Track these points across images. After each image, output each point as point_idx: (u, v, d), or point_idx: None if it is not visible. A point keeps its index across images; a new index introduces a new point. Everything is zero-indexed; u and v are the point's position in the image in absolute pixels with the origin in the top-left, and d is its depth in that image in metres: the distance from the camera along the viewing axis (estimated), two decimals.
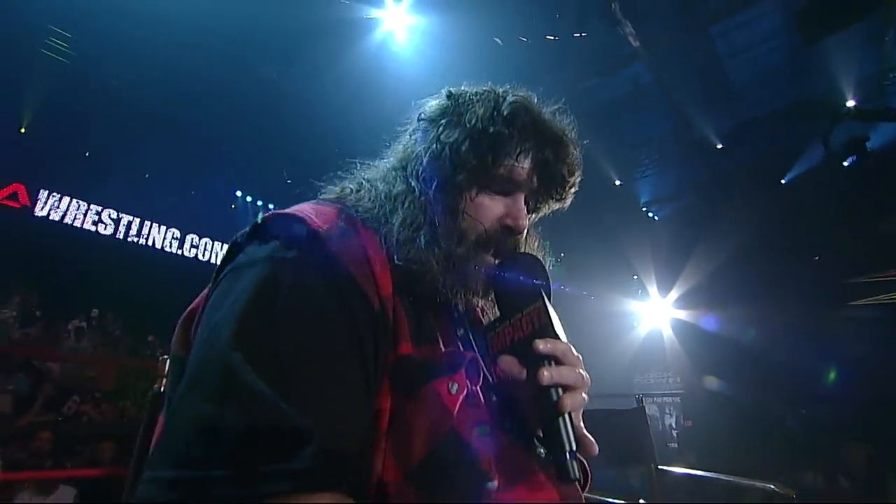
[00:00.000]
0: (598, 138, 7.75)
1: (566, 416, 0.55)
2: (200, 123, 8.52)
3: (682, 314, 10.87)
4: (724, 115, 7.82)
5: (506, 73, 0.81)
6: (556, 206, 0.75)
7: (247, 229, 0.61)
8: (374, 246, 0.59)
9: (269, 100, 8.23)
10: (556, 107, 0.71)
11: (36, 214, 8.34)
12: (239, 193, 11.32)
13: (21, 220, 8.09)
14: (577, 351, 0.61)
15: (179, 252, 10.11)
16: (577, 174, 0.71)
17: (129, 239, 9.36)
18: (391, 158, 0.72)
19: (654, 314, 11.58)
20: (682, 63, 7.08)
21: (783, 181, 8.42)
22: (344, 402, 0.47)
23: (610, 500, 1.24)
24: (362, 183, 0.70)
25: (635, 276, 12.26)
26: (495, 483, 0.53)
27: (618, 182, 9.64)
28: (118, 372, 6.21)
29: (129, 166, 9.10)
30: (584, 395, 0.59)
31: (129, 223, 9.40)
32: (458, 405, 0.53)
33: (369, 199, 0.65)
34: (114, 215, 9.20)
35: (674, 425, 10.61)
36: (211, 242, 10.71)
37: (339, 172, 0.74)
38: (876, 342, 6.86)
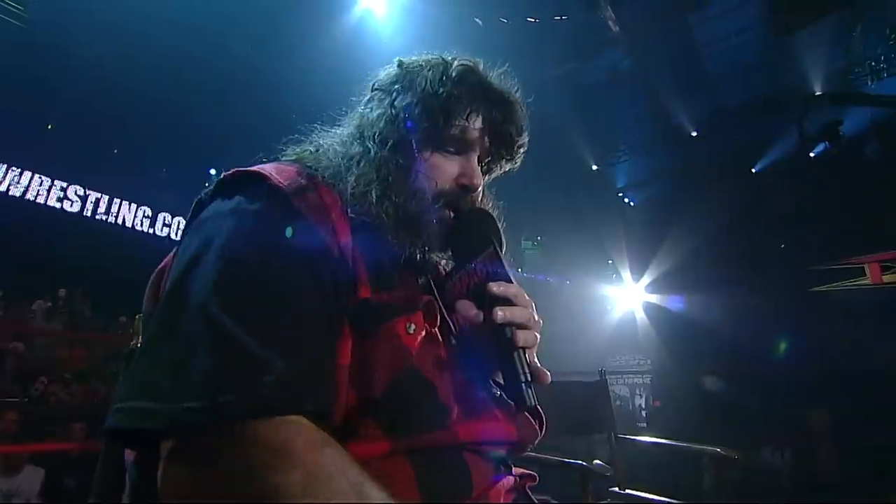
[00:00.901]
0: (576, 123, 7.79)
1: (521, 350, 0.59)
2: (172, 99, 8.22)
3: (654, 298, 11.17)
4: (699, 104, 7.95)
5: (485, 53, 0.81)
6: (507, 165, 0.77)
7: (210, 187, 0.63)
8: (333, 200, 0.62)
9: (243, 76, 8.00)
10: (501, 70, 0.74)
11: None
12: (213, 171, 11.04)
13: None
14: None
15: (151, 231, 9.82)
16: (524, 134, 0.74)
17: (97, 217, 9.02)
18: (348, 126, 0.75)
19: (627, 298, 11.87)
20: (661, 50, 7.15)
21: (754, 170, 8.65)
22: (306, 338, 0.50)
23: (566, 459, 1.32)
24: (320, 146, 0.73)
25: (610, 261, 12.51)
26: (454, 416, 0.57)
27: (595, 167, 9.74)
28: (89, 353, 6.09)
29: (96, 141, 8.74)
30: (536, 334, 0.63)
31: (97, 200, 9.04)
32: (416, 344, 0.57)
33: (327, 159, 0.68)
34: (80, 192, 8.83)
35: (643, 406, 10.95)
36: (184, 221, 10.45)
37: (299, 136, 0.77)
38: (835, 325, 7.20)
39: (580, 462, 1.36)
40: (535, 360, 0.65)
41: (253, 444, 0.44)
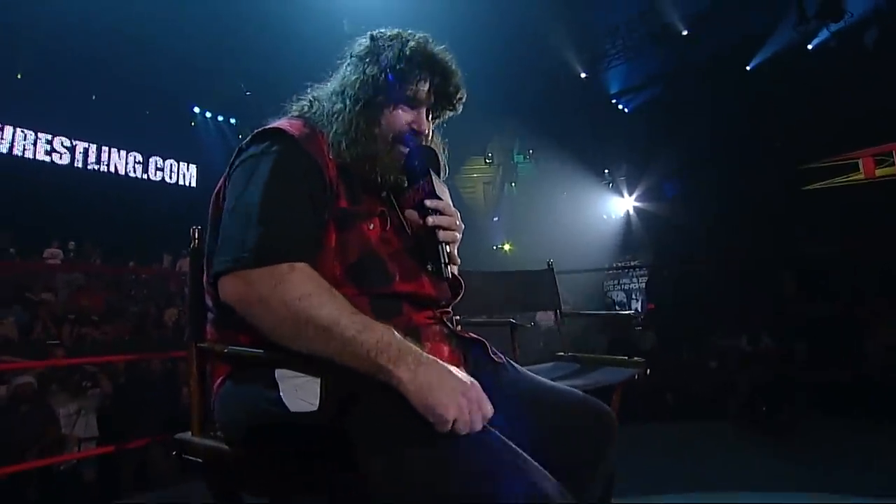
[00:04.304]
0: (562, 30, 7.46)
1: (443, 244, 0.90)
2: (147, 38, 7.85)
3: (649, 205, 11.36)
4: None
5: None
6: (450, 113, 1.04)
7: (248, 138, 0.92)
8: (325, 144, 0.90)
9: (219, 9, 7.56)
10: (443, 46, 0.98)
11: None
12: (197, 109, 10.79)
13: None
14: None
15: (145, 176, 9.84)
16: (461, 91, 1.01)
17: (88, 167, 9.02)
18: (334, 83, 0.99)
19: (623, 204, 12.10)
20: None
21: (749, 67, 8.39)
22: (308, 227, 0.84)
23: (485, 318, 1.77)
24: (312, 102, 0.98)
25: (606, 170, 12.53)
26: (396, 278, 0.90)
27: (583, 74, 9.45)
28: (103, 298, 6.41)
29: (71, 88, 8.45)
30: (457, 234, 0.94)
31: (86, 150, 8.97)
32: (374, 237, 0.90)
33: (319, 114, 0.95)
34: (67, 143, 8.73)
35: (639, 309, 11.54)
36: (176, 164, 10.35)
37: (297, 95, 1.02)
38: (826, 223, 7.38)
39: (510, 319, 1.71)
40: (455, 250, 0.97)
41: (271, 275, 0.76)
